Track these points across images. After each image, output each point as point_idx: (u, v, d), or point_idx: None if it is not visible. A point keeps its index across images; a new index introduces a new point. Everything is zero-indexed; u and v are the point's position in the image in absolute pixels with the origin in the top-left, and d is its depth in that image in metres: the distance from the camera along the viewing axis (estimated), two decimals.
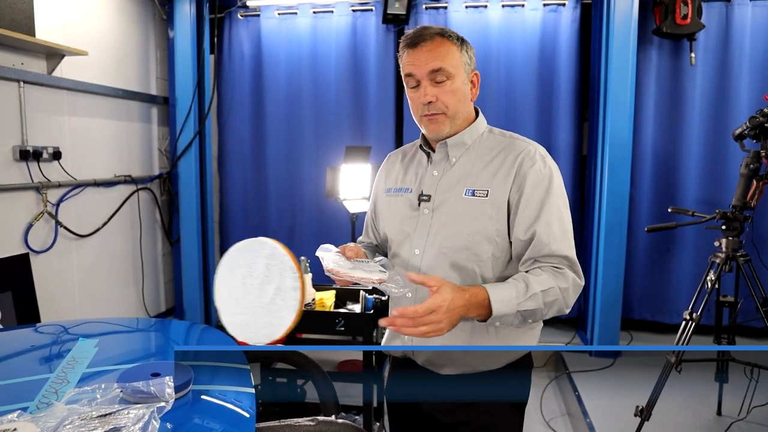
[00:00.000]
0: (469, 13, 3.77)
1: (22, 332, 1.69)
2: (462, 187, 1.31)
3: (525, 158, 1.29)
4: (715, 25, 3.52)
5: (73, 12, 3.20)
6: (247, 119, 4.13)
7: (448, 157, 1.36)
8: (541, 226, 1.23)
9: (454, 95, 1.29)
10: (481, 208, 1.27)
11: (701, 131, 3.60)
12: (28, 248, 2.92)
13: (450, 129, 1.32)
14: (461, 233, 1.28)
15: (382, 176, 1.53)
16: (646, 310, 3.81)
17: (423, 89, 1.28)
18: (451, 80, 1.27)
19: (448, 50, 1.27)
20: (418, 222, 1.35)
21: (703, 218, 2.58)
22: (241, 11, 4.04)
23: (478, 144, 1.36)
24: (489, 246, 1.27)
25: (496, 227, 1.27)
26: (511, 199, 1.27)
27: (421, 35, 1.28)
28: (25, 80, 2.84)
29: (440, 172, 1.36)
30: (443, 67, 1.26)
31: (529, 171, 1.27)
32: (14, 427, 0.82)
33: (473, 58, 1.35)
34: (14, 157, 2.82)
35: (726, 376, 2.64)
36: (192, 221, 4.00)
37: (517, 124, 3.75)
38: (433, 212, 1.33)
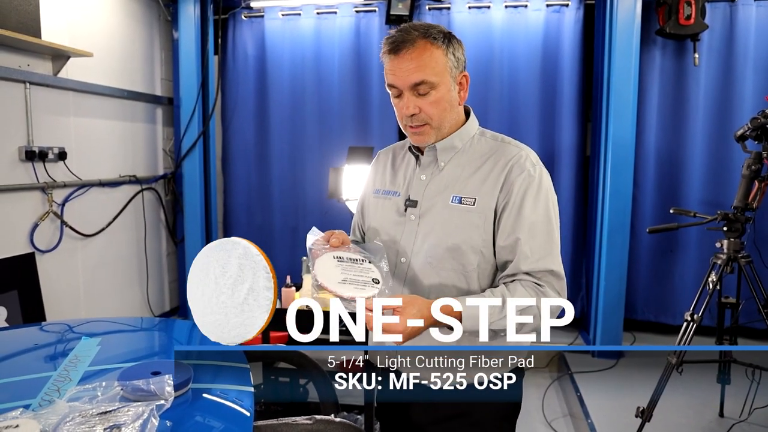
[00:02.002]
0: (472, 14, 3.78)
1: (27, 330, 1.71)
2: (449, 193, 1.26)
3: (514, 165, 1.23)
4: (719, 25, 3.50)
5: (78, 14, 3.23)
6: (250, 120, 4.16)
7: (436, 161, 1.31)
8: (524, 235, 1.18)
9: (439, 105, 1.23)
10: (467, 217, 1.23)
11: (704, 132, 3.59)
12: (33, 248, 2.95)
13: (436, 138, 1.28)
14: (446, 242, 1.23)
15: (371, 175, 1.48)
16: (649, 310, 3.80)
17: (406, 100, 1.23)
18: (435, 90, 1.21)
19: (431, 57, 1.20)
20: (405, 228, 1.30)
21: (705, 219, 2.58)
22: (245, 12, 4.06)
23: (468, 148, 1.31)
24: (475, 257, 1.23)
25: (482, 237, 1.22)
26: (497, 208, 1.22)
27: (404, 41, 1.20)
28: (31, 81, 2.87)
29: (428, 177, 1.31)
30: (425, 79, 1.20)
31: (517, 179, 1.22)
32: (16, 424, 0.84)
33: (461, 57, 1.26)
34: (20, 158, 2.85)
35: (728, 377, 2.63)
36: (196, 221, 4.02)
37: (520, 125, 3.75)
38: (419, 219, 1.28)
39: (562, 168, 3.78)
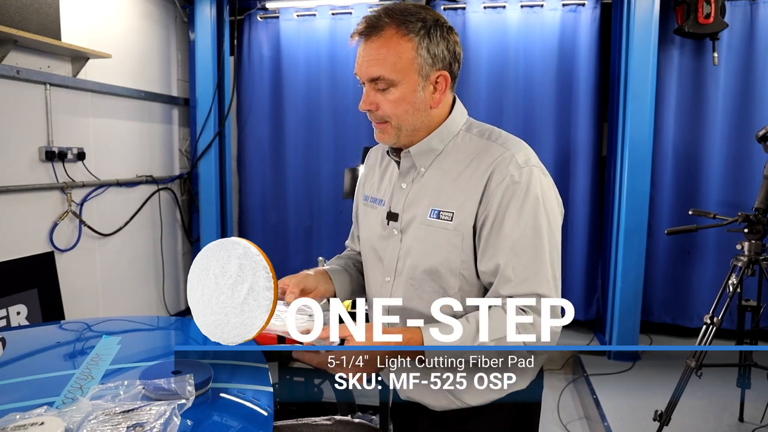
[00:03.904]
0: (487, 14, 3.76)
1: (48, 329, 1.74)
2: (428, 206, 1.12)
3: (495, 170, 1.07)
4: (739, 24, 3.45)
5: (97, 16, 3.27)
6: (266, 120, 4.18)
7: (415, 167, 1.15)
8: (504, 257, 1.04)
9: (398, 106, 1.08)
10: (443, 236, 1.09)
11: (724, 132, 3.54)
12: (53, 246, 2.99)
13: (398, 140, 1.13)
14: (423, 264, 1.11)
15: (362, 177, 1.35)
16: (667, 313, 3.76)
17: (364, 94, 1.11)
18: (395, 88, 1.07)
19: (394, 51, 1.05)
20: (389, 244, 1.18)
21: (725, 221, 2.54)
22: (261, 13, 4.08)
23: (452, 148, 1.14)
24: (455, 280, 1.10)
25: (461, 258, 1.09)
26: (477, 224, 1.08)
27: (373, 26, 1.06)
28: (51, 83, 2.91)
29: (408, 185, 1.16)
30: (383, 75, 1.06)
31: (498, 188, 1.05)
32: (41, 421, 0.85)
33: (442, 53, 1.08)
34: (40, 158, 2.89)
35: (748, 381, 2.59)
36: (211, 221, 4.05)
37: (536, 125, 3.73)
38: (401, 234, 1.15)
39: (578, 168, 3.75)
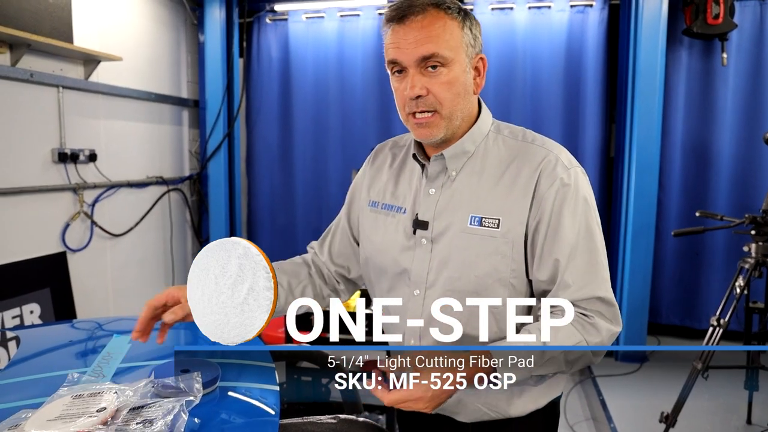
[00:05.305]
0: (495, 15, 3.77)
1: (60, 327, 1.77)
2: (466, 212, 1.05)
3: (543, 172, 1.03)
4: (749, 24, 3.43)
5: (108, 20, 3.32)
6: (274, 121, 4.21)
7: (446, 170, 1.09)
8: (563, 261, 1.00)
9: (452, 88, 1.01)
10: (491, 244, 1.03)
11: (732, 134, 3.53)
12: (65, 247, 3.04)
13: (446, 133, 1.04)
14: (468, 275, 1.04)
15: (365, 178, 1.24)
16: (674, 314, 3.75)
17: (411, 79, 1.00)
18: (447, 68, 0.99)
19: (444, 27, 0.98)
20: (415, 255, 1.10)
21: (733, 223, 2.54)
22: (270, 16, 4.11)
23: (483, 150, 1.08)
24: (504, 290, 1.04)
25: (512, 267, 1.03)
26: (528, 230, 1.02)
27: (411, 6, 0.98)
28: (63, 85, 2.95)
29: (438, 191, 1.09)
30: (437, 52, 0.97)
31: (549, 191, 1.02)
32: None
33: (479, 37, 1.05)
34: (53, 159, 2.94)
35: (756, 383, 2.58)
36: (221, 221, 4.10)
37: (544, 126, 3.73)
38: (432, 243, 1.08)
39: (585, 169, 3.67)
